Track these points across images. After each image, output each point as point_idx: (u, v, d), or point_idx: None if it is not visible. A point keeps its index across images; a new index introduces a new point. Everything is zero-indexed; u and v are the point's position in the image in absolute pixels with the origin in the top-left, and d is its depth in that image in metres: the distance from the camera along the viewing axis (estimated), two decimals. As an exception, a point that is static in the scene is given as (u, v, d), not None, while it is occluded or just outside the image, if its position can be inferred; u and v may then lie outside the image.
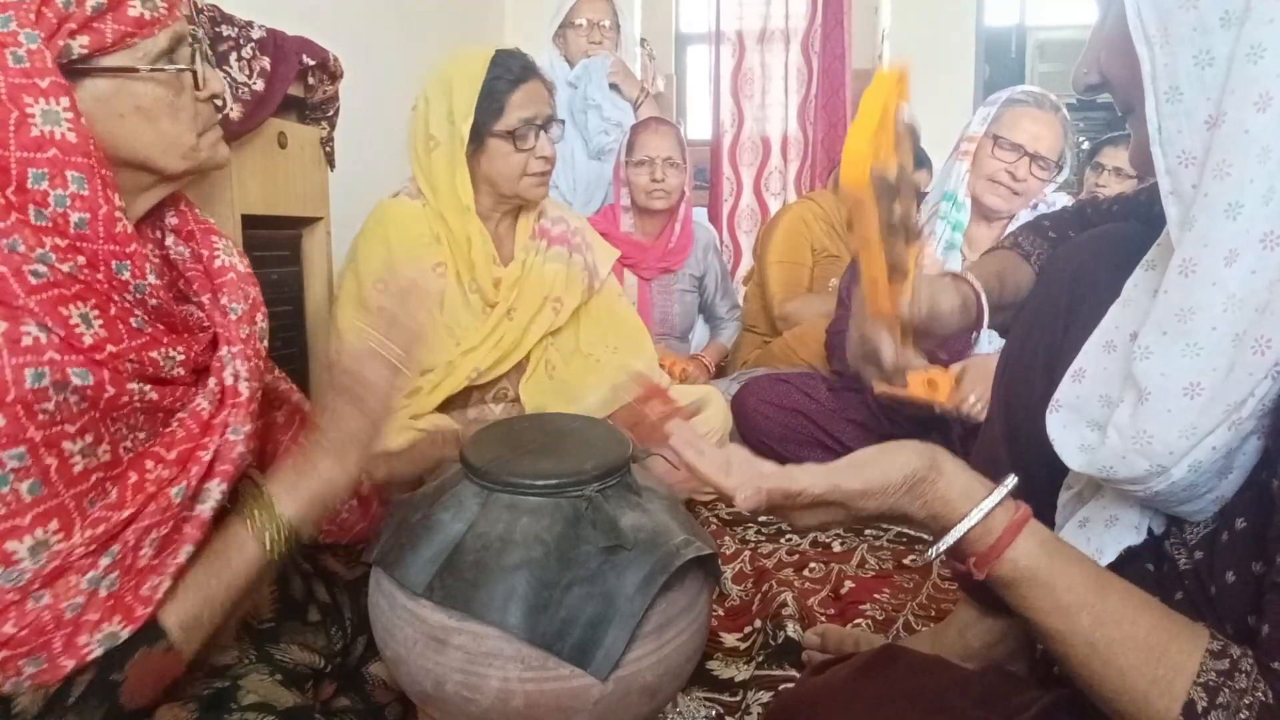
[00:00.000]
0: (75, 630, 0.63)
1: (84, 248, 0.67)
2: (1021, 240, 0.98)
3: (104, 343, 0.67)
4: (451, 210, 1.56)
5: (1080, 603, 0.59)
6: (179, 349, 0.73)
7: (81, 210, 0.66)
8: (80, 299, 0.66)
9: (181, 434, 0.72)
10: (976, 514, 0.61)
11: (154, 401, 0.72)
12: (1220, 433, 0.58)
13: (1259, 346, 0.56)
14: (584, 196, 2.61)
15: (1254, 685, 0.54)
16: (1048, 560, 0.60)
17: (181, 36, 0.75)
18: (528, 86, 1.54)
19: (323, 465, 0.78)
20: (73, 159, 0.65)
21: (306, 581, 0.92)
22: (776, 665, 1.15)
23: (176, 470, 0.70)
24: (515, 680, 0.72)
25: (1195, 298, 0.58)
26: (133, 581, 0.67)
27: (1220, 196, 0.57)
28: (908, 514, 0.63)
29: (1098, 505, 0.71)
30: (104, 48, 0.68)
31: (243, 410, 0.75)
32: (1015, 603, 0.62)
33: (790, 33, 3.84)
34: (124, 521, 0.66)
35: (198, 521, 0.71)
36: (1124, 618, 0.58)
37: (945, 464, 0.63)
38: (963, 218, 1.89)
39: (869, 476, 0.61)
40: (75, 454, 0.65)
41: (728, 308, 2.63)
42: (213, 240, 0.82)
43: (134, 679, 0.66)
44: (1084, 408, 0.70)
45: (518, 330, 1.60)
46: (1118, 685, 0.58)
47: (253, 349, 0.78)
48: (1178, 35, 0.58)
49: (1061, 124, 1.85)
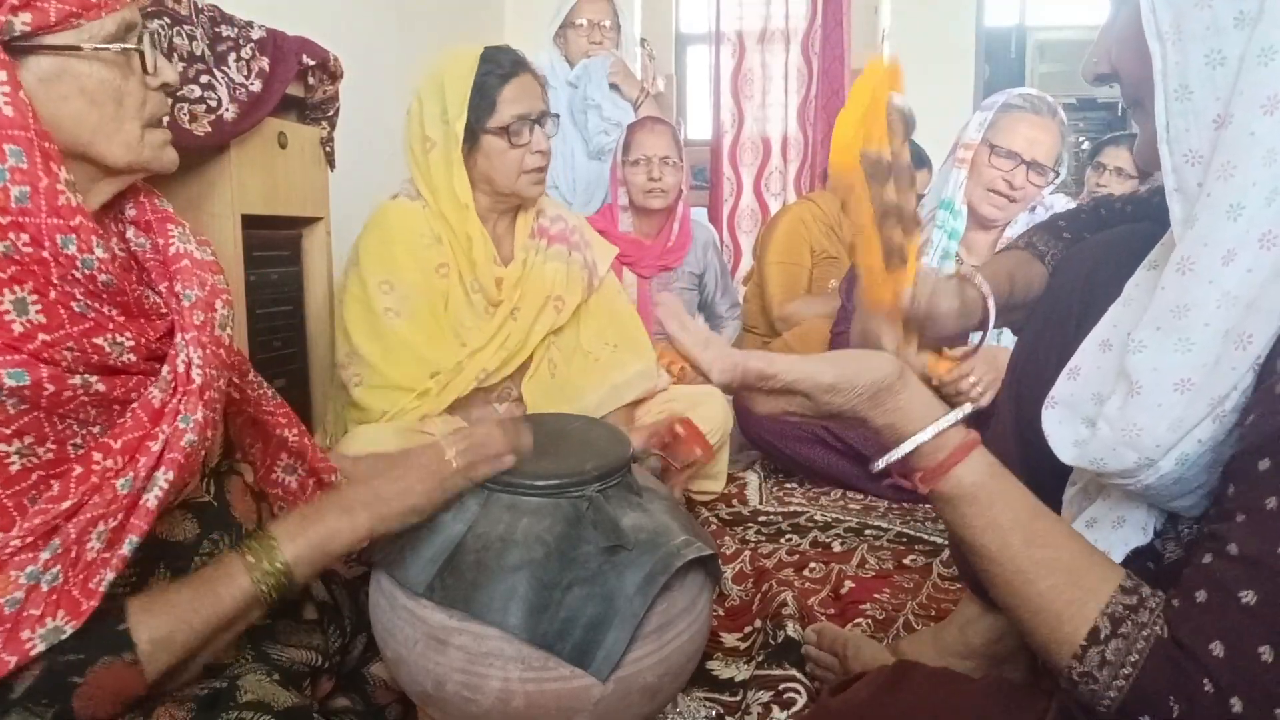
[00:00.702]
0: (16, 626, 0.61)
1: (26, 223, 0.65)
2: (1036, 240, 0.98)
3: (36, 330, 0.64)
4: (451, 210, 1.56)
5: (1014, 523, 0.63)
6: (127, 334, 0.71)
7: (21, 183, 0.64)
8: (16, 282, 0.64)
9: (131, 423, 0.70)
10: (932, 429, 0.64)
11: (103, 394, 0.69)
12: (1206, 425, 0.59)
13: (1242, 341, 0.57)
14: (584, 196, 2.61)
15: (1154, 620, 0.58)
16: (990, 481, 0.64)
17: (132, 24, 0.72)
18: (519, 81, 1.54)
19: (330, 516, 0.77)
20: (11, 132, 0.64)
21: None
22: (776, 665, 1.14)
23: (124, 461, 0.68)
24: (516, 680, 0.72)
25: (1191, 295, 0.59)
26: (80, 575, 0.65)
27: (1223, 197, 0.57)
28: (866, 418, 0.66)
29: (1105, 505, 0.72)
30: (47, 25, 0.66)
31: (194, 397, 0.73)
32: (954, 520, 0.65)
33: (790, 33, 3.84)
34: (64, 513, 0.65)
35: (143, 511, 0.69)
36: (1051, 542, 0.62)
37: (911, 379, 0.66)
38: (959, 226, 1.88)
39: (841, 373, 0.64)
40: (12, 455, 0.64)
41: (728, 306, 2.63)
42: (168, 228, 0.80)
43: (93, 686, 0.64)
44: (1078, 405, 0.71)
45: (522, 330, 1.61)
46: (1037, 605, 0.61)
47: (209, 336, 0.75)
48: (1190, 33, 0.58)
49: (1059, 127, 1.83)
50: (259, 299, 1.50)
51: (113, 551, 0.68)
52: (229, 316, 0.80)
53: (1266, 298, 0.57)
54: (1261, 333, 0.57)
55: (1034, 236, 0.99)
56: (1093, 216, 0.98)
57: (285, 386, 1.56)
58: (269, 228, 1.50)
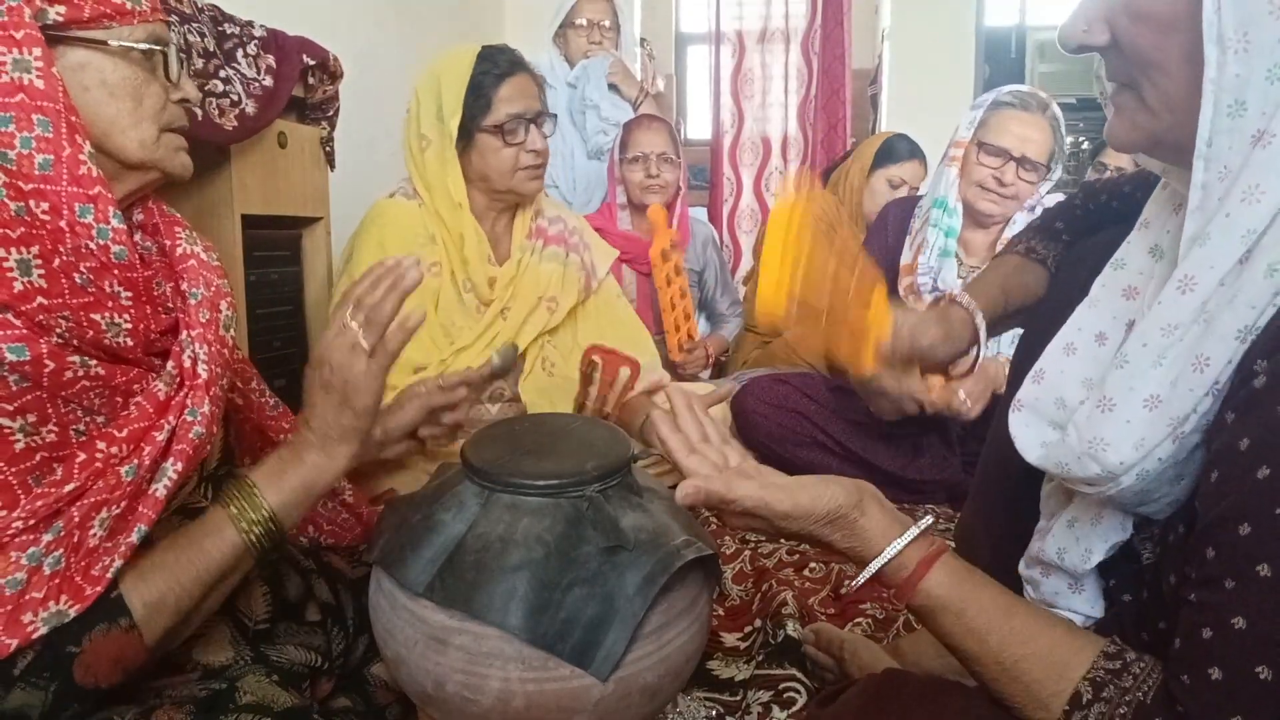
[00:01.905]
0: (18, 608, 0.62)
1: (46, 190, 0.67)
2: (1035, 244, 0.97)
3: (34, 293, 0.66)
4: (445, 208, 1.56)
5: (988, 626, 0.64)
6: (126, 317, 0.72)
7: (45, 152, 0.67)
8: (24, 244, 0.66)
9: (136, 414, 0.71)
10: (889, 551, 0.67)
11: (103, 378, 0.70)
12: (1166, 445, 0.59)
13: (1199, 364, 0.56)
14: (584, 196, 2.62)
15: (1138, 686, 0.57)
16: (959, 590, 0.65)
17: (160, 38, 0.76)
18: (514, 80, 1.54)
19: (308, 456, 0.78)
20: (40, 103, 0.67)
21: (305, 579, 0.92)
22: (777, 665, 1.14)
23: (128, 449, 0.70)
24: (516, 681, 0.72)
25: (1184, 315, 0.57)
26: (83, 561, 0.66)
27: (1242, 222, 0.54)
28: (828, 542, 0.69)
29: (1084, 505, 0.72)
30: (79, 20, 0.70)
31: (201, 392, 0.74)
32: (932, 628, 0.67)
33: (790, 33, 3.84)
34: (68, 496, 0.66)
35: (151, 501, 0.70)
36: (1029, 637, 0.63)
37: (870, 505, 0.69)
38: (955, 223, 1.87)
39: (798, 502, 0.67)
40: (16, 432, 0.65)
41: (728, 303, 2.63)
42: (176, 230, 0.82)
43: (91, 654, 0.65)
44: (1042, 408, 0.72)
45: (511, 329, 1.60)
46: (1024, 699, 0.62)
47: (214, 335, 0.77)
48: (1260, 44, 0.52)
49: (1050, 124, 1.80)
50: (259, 299, 1.50)
51: (120, 539, 0.68)
52: (232, 319, 0.82)
53: (1220, 321, 0.55)
54: (1218, 357, 0.55)
55: (1031, 240, 0.98)
56: (1086, 210, 0.98)
57: (285, 386, 1.56)
58: (269, 228, 1.50)
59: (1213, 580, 0.55)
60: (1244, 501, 0.53)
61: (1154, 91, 0.60)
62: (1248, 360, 0.55)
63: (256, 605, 0.85)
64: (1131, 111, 0.63)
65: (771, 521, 0.68)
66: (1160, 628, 0.65)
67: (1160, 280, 0.67)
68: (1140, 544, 0.69)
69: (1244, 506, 0.53)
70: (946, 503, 1.88)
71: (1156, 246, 0.70)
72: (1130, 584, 0.71)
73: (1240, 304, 0.55)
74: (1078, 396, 0.69)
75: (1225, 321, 0.55)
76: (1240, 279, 0.55)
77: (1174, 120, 0.60)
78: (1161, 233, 0.70)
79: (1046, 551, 0.75)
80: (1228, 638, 0.53)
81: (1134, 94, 0.62)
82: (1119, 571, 0.72)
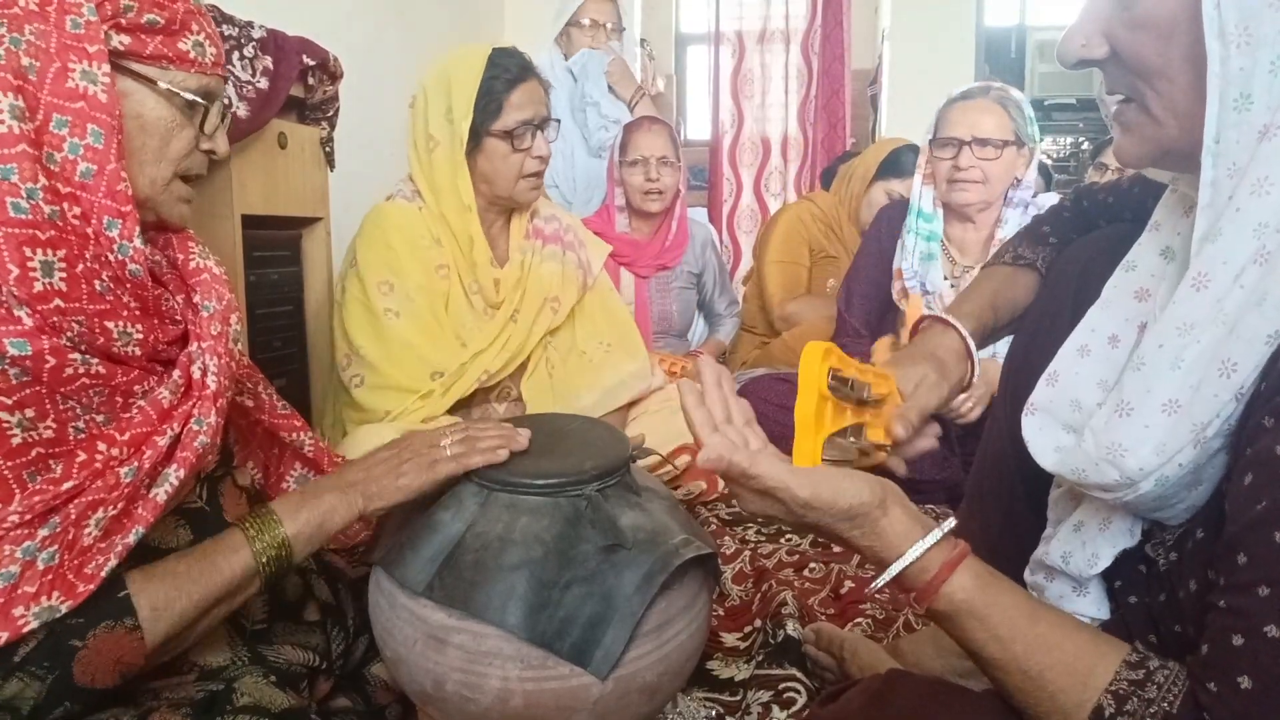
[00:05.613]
0: (9, 602, 0.63)
1: (81, 197, 0.69)
2: (1023, 251, 0.96)
3: (53, 295, 0.67)
4: (453, 211, 1.56)
5: (1012, 633, 0.61)
6: (138, 327, 0.74)
7: (90, 162, 0.69)
8: (52, 246, 0.67)
9: (139, 419, 0.72)
10: (911, 554, 0.64)
11: (104, 377, 0.71)
12: (1187, 451, 0.58)
13: (1225, 369, 0.55)
14: (584, 195, 2.62)
15: (1163, 696, 0.56)
16: (981, 595, 0.63)
17: (211, 93, 0.79)
18: (525, 86, 1.54)
19: (327, 495, 0.80)
20: (97, 115, 0.69)
21: (305, 579, 0.92)
22: (776, 665, 1.14)
23: (129, 452, 0.71)
24: (515, 680, 0.72)
25: (1199, 313, 0.57)
26: (76, 559, 0.66)
27: (1253, 215, 0.54)
28: (846, 538, 0.66)
29: (1091, 509, 0.71)
30: (139, 55, 0.74)
31: (209, 403, 0.76)
32: (954, 634, 0.65)
33: (790, 33, 3.85)
34: (65, 494, 0.66)
35: (151, 504, 0.71)
36: (1054, 644, 0.60)
37: (893, 505, 0.65)
38: (935, 228, 1.92)
39: (818, 491, 0.63)
40: (14, 426, 0.65)
41: (726, 304, 2.63)
42: (188, 245, 0.84)
43: (93, 652, 0.66)
44: (1057, 411, 0.71)
45: (523, 332, 1.61)
46: (1049, 707, 0.60)
47: (224, 348, 0.79)
48: (1261, 37, 0.52)
49: (1001, 104, 1.81)
50: (259, 299, 1.50)
51: (116, 539, 0.69)
52: (240, 332, 0.84)
53: (1246, 324, 0.54)
54: (1246, 362, 0.55)
55: (1019, 247, 0.97)
56: (1075, 212, 0.97)
57: (285, 386, 1.56)
58: (269, 228, 1.50)
59: (1245, 586, 0.53)
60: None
61: (1158, 100, 0.60)
62: (1278, 364, 0.54)
63: (254, 606, 0.86)
64: (1137, 125, 0.62)
65: (790, 507, 0.64)
66: (1175, 630, 0.64)
67: (1172, 281, 0.67)
68: (1154, 550, 0.68)
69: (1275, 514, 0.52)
70: (946, 503, 1.88)
71: (1168, 248, 0.70)
72: (1137, 586, 0.70)
73: (1270, 307, 0.54)
74: (1094, 398, 0.68)
75: (1252, 325, 0.54)
76: (1265, 281, 0.54)
77: (1180, 127, 0.59)
78: (1173, 235, 0.70)
79: (1051, 556, 0.74)
80: (1260, 645, 0.52)
81: (1138, 106, 0.62)
82: (1125, 573, 0.71)
